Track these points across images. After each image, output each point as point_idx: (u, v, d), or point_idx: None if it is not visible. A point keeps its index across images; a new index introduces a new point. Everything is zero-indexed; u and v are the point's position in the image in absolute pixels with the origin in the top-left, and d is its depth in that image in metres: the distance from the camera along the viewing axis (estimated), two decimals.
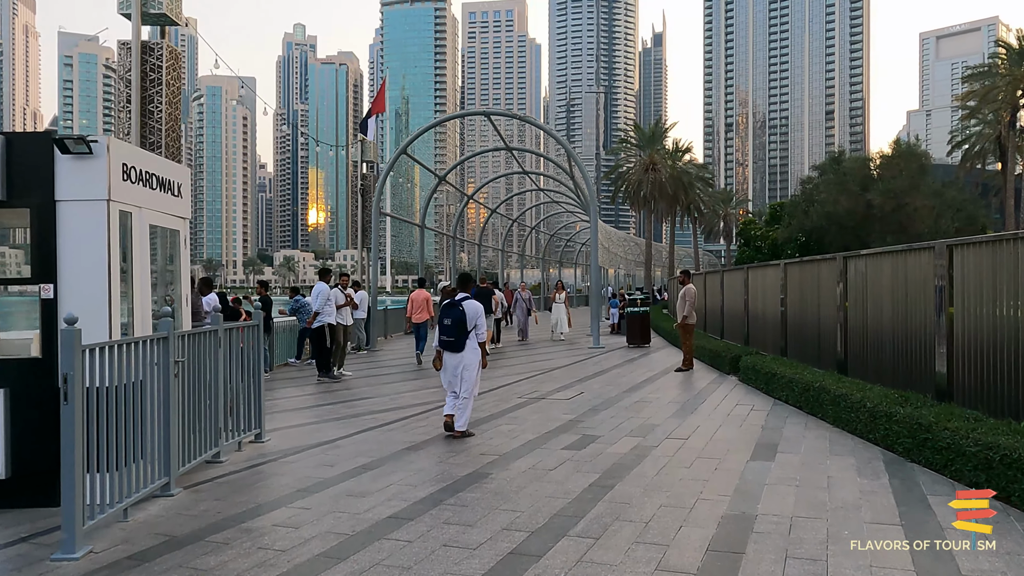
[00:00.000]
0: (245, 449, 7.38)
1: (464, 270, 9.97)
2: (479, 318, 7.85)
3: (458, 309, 7.73)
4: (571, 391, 11.14)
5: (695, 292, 13.64)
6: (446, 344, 7.80)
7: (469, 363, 7.80)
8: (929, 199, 40.00)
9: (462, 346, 7.74)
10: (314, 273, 18.81)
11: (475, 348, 7.86)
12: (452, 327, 7.72)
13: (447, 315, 7.77)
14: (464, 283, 8.36)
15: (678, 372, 13.39)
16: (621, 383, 12.04)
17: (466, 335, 7.75)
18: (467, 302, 7.82)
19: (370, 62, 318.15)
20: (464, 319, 7.70)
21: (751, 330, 14.99)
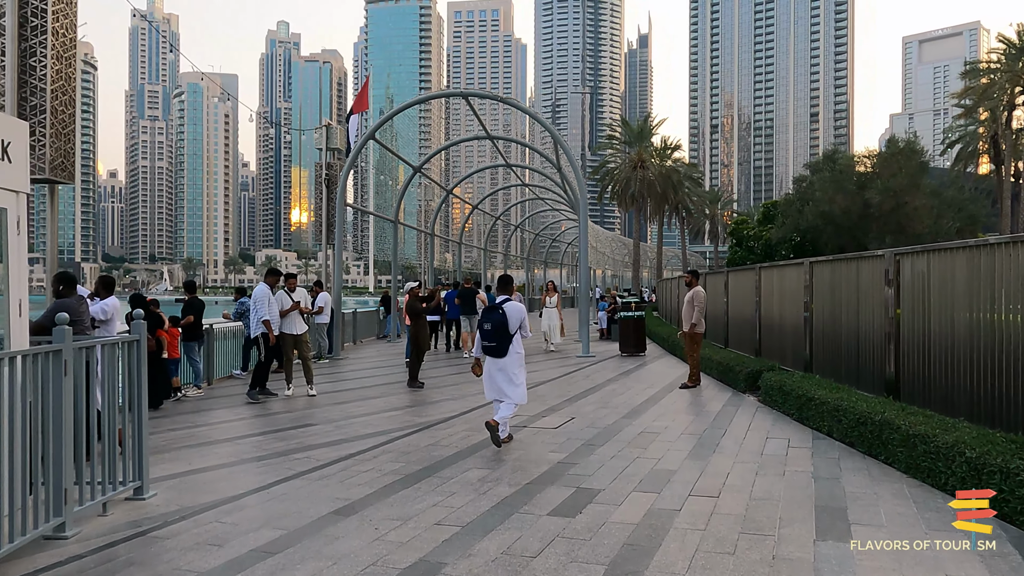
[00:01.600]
0: (113, 512, 5.35)
1: (504, 275, 8.56)
2: (523, 321, 7.43)
3: (498, 312, 7.37)
4: (559, 416, 9.18)
5: (705, 295, 11.71)
6: (488, 350, 7.42)
7: (514, 370, 7.43)
8: (928, 198, 38.50)
9: (505, 351, 7.36)
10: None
11: (519, 353, 7.49)
12: (493, 332, 7.34)
13: (487, 319, 7.41)
14: (504, 285, 8.04)
15: (684, 389, 11.47)
16: (618, 404, 10.09)
17: (509, 339, 7.36)
18: (508, 304, 7.43)
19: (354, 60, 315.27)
20: (506, 323, 7.32)
21: (764, 339, 13.10)
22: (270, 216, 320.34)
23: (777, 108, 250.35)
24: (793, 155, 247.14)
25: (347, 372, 14.94)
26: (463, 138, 23.32)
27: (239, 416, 9.72)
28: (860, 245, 38.14)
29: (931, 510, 5.09)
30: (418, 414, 9.58)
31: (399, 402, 10.66)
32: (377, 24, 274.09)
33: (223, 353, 13.59)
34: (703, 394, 10.97)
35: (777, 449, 7.13)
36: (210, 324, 12.91)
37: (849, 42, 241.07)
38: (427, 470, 6.48)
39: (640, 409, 9.66)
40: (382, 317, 24.47)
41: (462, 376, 13.77)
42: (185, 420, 9.43)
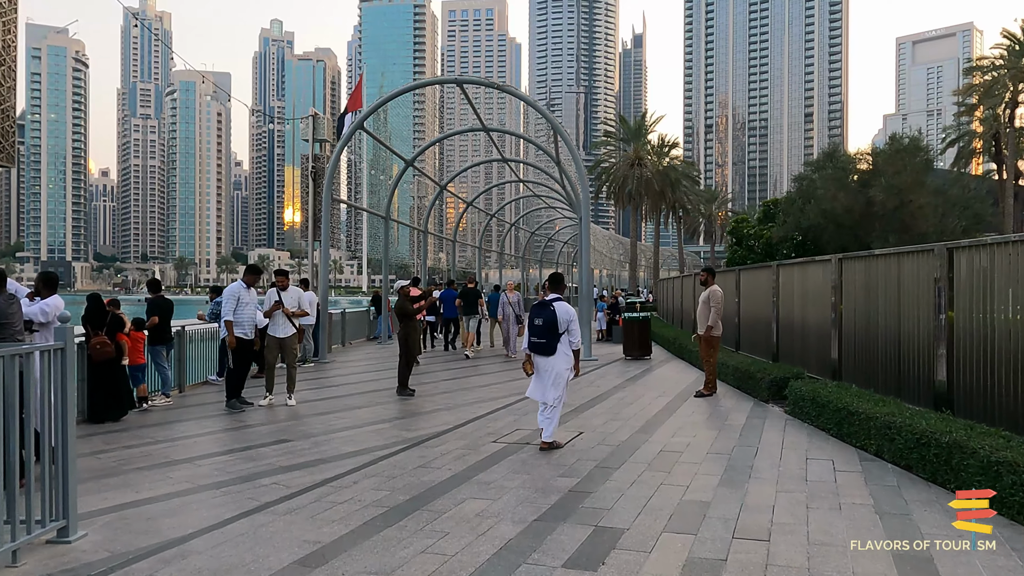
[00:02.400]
0: (26, 561, 4.34)
1: (555, 273, 8.60)
2: (572, 321, 7.36)
3: (549, 310, 7.31)
4: (565, 430, 8.18)
5: (723, 295, 10.73)
6: (536, 347, 7.36)
7: (560, 369, 7.31)
8: (932, 197, 37.66)
9: (553, 349, 7.28)
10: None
11: (567, 353, 7.36)
12: (543, 328, 7.29)
13: (538, 315, 7.37)
14: (556, 283, 7.92)
15: (699, 397, 10.50)
16: (630, 416, 9.11)
17: (557, 338, 7.28)
18: (558, 303, 7.36)
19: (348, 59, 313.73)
20: (555, 321, 7.26)
21: (783, 342, 12.13)
22: (263, 215, 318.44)
23: (771, 108, 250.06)
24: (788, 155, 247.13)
25: (333, 377, 13.91)
26: (457, 130, 22.35)
27: (206, 430, 8.69)
28: (863, 244, 37.21)
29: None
30: (407, 427, 8.58)
31: (387, 413, 9.65)
32: (371, 23, 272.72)
33: (197, 357, 12.54)
34: (722, 404, 9.99)
35: (822, 473, 6.15)
36: (181, 326, 11.86)
37: (843, 43, 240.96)
38: (415, 501, 5.48)
39: (655, 422, 8.67)
40: (372, 318, 23.44)
41: (456, 381, 12.77)
42: (145, 435, 8.40)
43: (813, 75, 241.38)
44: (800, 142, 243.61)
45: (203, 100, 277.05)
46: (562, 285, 7.99)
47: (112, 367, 9.23)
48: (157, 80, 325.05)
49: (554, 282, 8.01)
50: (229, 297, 9.98)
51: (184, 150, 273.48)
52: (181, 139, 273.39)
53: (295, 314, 10.35)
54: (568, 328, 7.31)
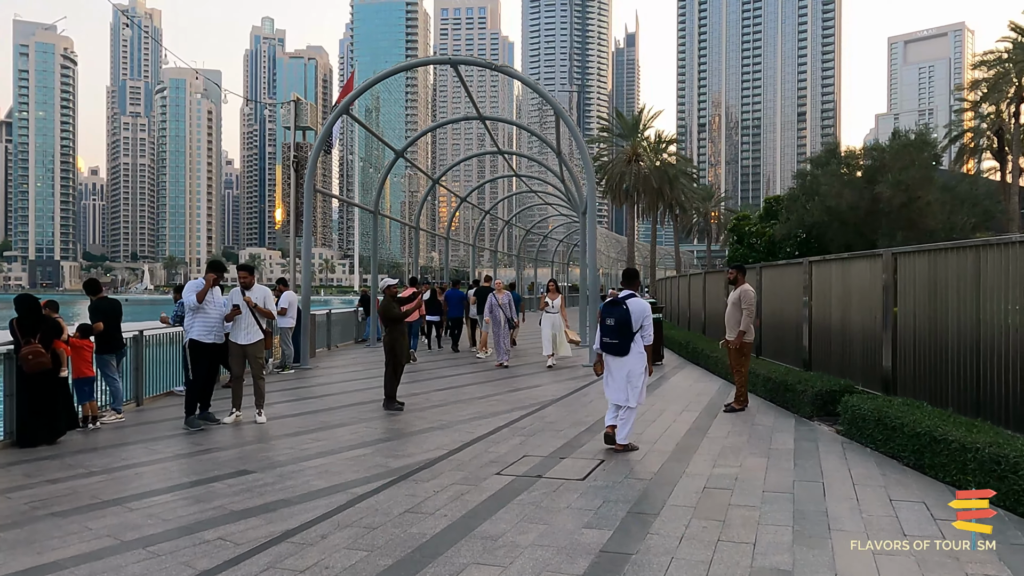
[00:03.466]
0: None
1: (630, 267, 8.41)
2: (645, 318, 7.09)
3: (622, 308, 7.01)
4: (582, 457, 6.86)
5: (755, 296, 9.41)
6: (609, 347, 7.08)
7: (635, 369, 7.04)
8: (940, 193, 36.55)
9: (626, 349, 7.01)
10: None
11: (641, 352, 7.09)
12: (615, 328, 7.01)
13: (609, 314, 7.07)
14: (630, 279, 7.46)
15: (729, 412, 9.20)
16: (656, 437, 7.78)
17: (631, 337, 7.01)
18: (632, 300, 7.08)
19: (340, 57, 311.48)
20: (629, 319, 6.97)
21: (816, 348, 10.84)
22: (254, 214, 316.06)
23: (765, 107, 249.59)
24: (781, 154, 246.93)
25: (313, 387, 12.53)
26: (451, 119, 20.98)
27: (155, 456, 7.31)
28: (868, 242, 36.10)
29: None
30: (394, 452, 7.23)
31: (370, 433, 8.29)
32: (363, 21, 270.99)
33: (159, 365, 11.15)
34: (758, 421, 8.68)
35: (921, 523, 4.83)
36: (139, 330, 10.47)
37: (836, 42, 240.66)
38: (401, 569, 4.14)
39: (688, 445, 7.34)
40: (360, 319, 22.07)
41: (450, 392, 11.42)
42: (80, 463, 7.03)
43: (806, 74, 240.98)
44: (793, 141, 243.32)
45: (193, 98, 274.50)
46: (637, 281, 7.45)
47: (48, 380, 7.85)
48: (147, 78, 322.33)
49: (628, 278, 7.43)
50: (190, 290, 8.65)
51: (174, 148, 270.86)
52: (171, 137, 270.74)
53: (260, 310, 8.95)
54: (642, 325, 6.98)
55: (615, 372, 7.07)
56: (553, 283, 15.32)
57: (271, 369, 14.29)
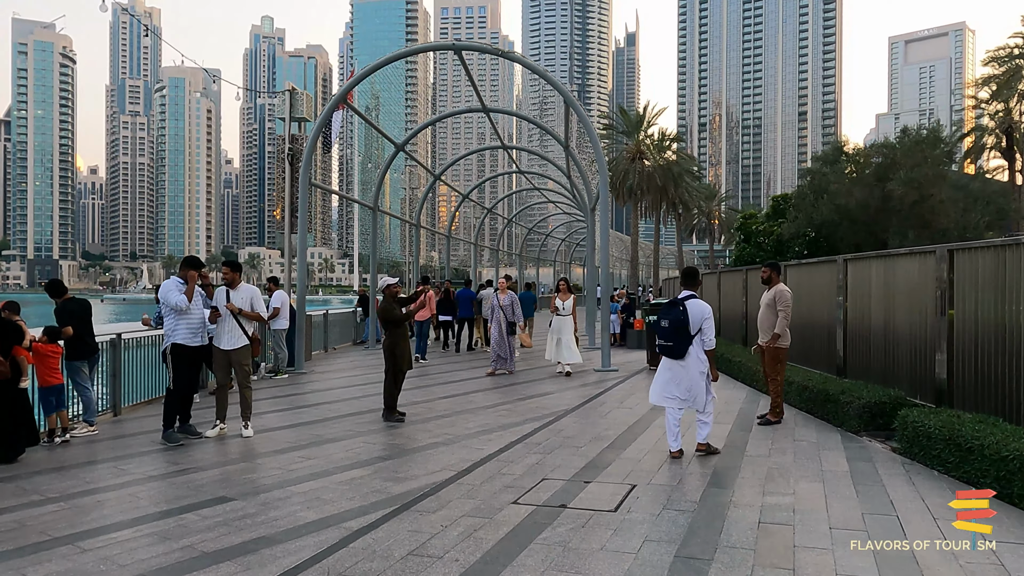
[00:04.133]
0: None
1: (689, 267, 7.49)
2: (706, 320, 6.71)
3: (679, 310, 6.69)
4: (610, 481, 6.01)
5: (791, 297, 8.56)
6: (665, 349, 6.80)
7: (695, 375, 6.69)
8: (953, 191, 35.70)
9: (683, 352, 6.68)
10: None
11: (701, 357, 6.73)
12: (671, 330, 6.70)
13: (665, 316, 6.78)
14: (690, 279, 7.16)
15: (764, 425, 8.35)
16: (689, 457, 6.93)
17: (688, 340, 6.68)
18: (691, 302, 6.72)
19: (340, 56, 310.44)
20: (686, 322, 6.64)
21: (852, 353, 9.99)
22: (254, 214, 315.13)
23: (765, 107, 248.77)
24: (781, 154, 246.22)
25: (307, 394, 11.68)
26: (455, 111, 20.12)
27: (125, 479, 6.45)
28: (879, 241, 35.30)
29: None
30: (395, 474, 6.38)
31: (368, 449, 7.44)
32: (363, 19, 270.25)
33: (140, 370, 10.29)
34: (799, 435, 7.82)
35: None
36: (117, 334, 9.62)
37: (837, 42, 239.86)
38: None
39: (728, 467, 6.49)
40: (359, 320, 21.24)
41: (455, 400, 10.57)
42: (37, 487, 6.18)
43: (807, 74, 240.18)
44: (794, 141, 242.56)
45: (193, 97, 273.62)
46: (697, 280, 7.10)
47: (6, 391, 7.00)
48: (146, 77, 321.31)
49: (688, 277, 7.09)
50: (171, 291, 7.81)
51: (173, 147, 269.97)
52: (171, 136, 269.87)
53: (245, 314, 8.10)
54: (701, 328, 6.65)
55: (667, 375, 6.81)
56: (564, 282, 13.88)
57: (263, 374, 13.46)
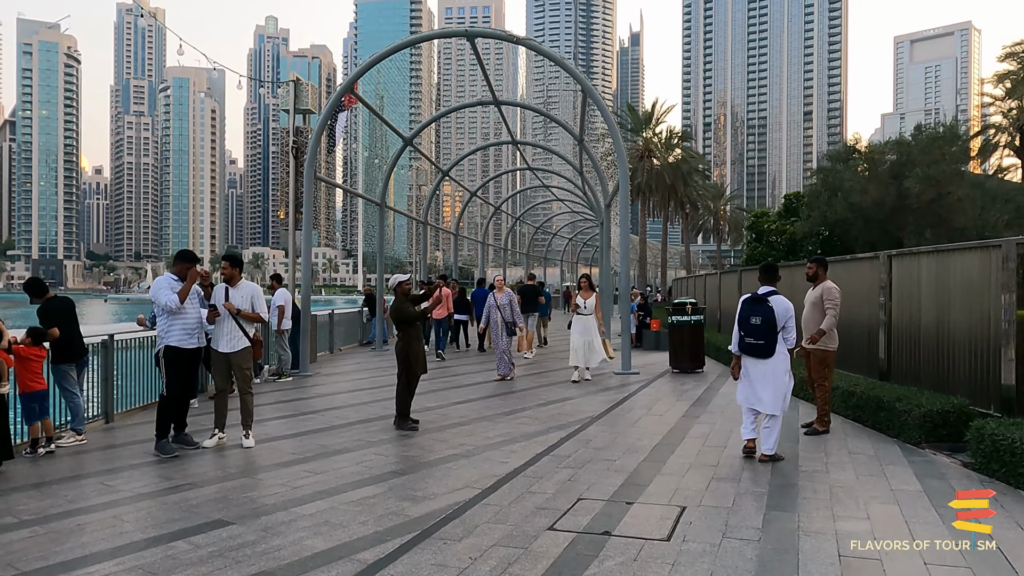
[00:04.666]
0: None
1: (769, 263, 7.16)
2: (789, 319, 6.56)
3: (766, 305, 6.48)
4: (655, 504, 5.32)
5: (839, 295, 7.87)
6: (752, 348, 6.53)
7: (780, 372, 6.51)
8: (971, 189, 34.94)
9: (772, 351, 6.47)
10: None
11: (785, 354, 6.56)
12: (761, 328, 6.46)
13: (753, 312, 6.54)
14: (770, 274, 6.83)
15: (811, 435, 7.66)
16: (739, 472, 6.24)
17: (776, 337, 6.47)
18: (775, 297, 6.55)
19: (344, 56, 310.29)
20: (774, 317, 6.42)
21: (897, 356, 9.30)
22: (258, 213, 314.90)
23: (770, 107, 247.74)
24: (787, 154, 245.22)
25: (313, 398, 11.02)
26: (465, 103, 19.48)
27: (109, 496, 5.78)
28: (894, 240, 34.59)
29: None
30: (411, 492, 5.70)
31: (380, 462, 6.76)
32: (367, 19, 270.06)
33: (135, 373, 9.64)
34: (851, 446, 7.13)
35: None
36: (109, 335, 8.97)
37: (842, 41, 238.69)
38: None
39: (785, 485, 5.79)
40: (366, 319, 20.59)
41: (471, 406, 9.89)
42: (12, 506, 5.51)
43: (812, 74, 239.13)
44: (799, 141, 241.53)
45: (197, 97, 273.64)
46: (777, 276, 6.86)
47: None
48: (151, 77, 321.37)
49: (768, 273, 6.87)
50: (162, 288, 7.17)
51: (178, 147, 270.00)
52: (175, 136, 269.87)
53: (245, 315, 7.44)
54: (785, 325, 6.51)
55: (755, 376, 6.55)
56: (586, 279, 12.62)
57: (266, 377, 12.81)
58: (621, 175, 12.90)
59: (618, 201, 13.85)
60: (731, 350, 6.87)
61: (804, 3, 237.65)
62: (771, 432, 6.49)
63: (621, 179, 12.91)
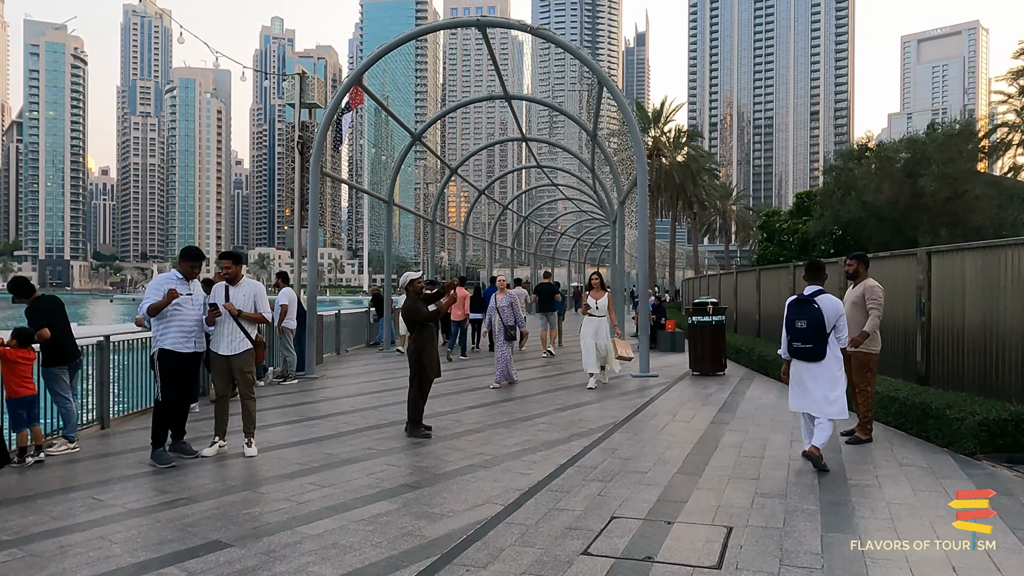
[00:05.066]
0: None
1: (814, 260, 6.62)
2: (840, 318, 6.20)
3: (814, 307, 6.15)
4: (697, 523, 4.82)
5: (882, 294, 7.35)
6: (800, 352, 6.23)
7: (835, 375, 6.18)
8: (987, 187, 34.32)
9: (822, 353, 6.14)
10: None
11: (837, 355, 6.23)
12: (808, 331, 6.14)
13: (800, 314, 6.22)
14: (816, 272, 6.46)
15: (853, 444, 7.15)
16: (784, 486, 5.73)
17: (826, 340, 6.14)
18: (822, 297, 6.20)
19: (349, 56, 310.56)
20: (822, 319, 6.10)
21: (937, 360, 8.78)
22: (264, 214, 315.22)
23: (777, 107, 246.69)
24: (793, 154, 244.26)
25: (319, 402, 10.54)
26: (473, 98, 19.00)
27: (98, 512, 5.30)
28: (908, 239, 34.00)
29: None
30: (427, 508, 5.21)
31: (392, 473, 6.28)
32: (372, 20, 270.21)
33: (133, 376, 9.16)
34: (899, 456, 6.61)
35: None
36: (105, 335, 8.51)
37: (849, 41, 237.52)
38: None
39: (837, 501, 5.28)
40: (373, 320, 20.12)
41: (486, 410, 9.39)
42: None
43: (819, 73, 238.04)
44: (806, 141, 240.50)
45: (203, 98, 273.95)
46: (824, 274, 6.48)
47: None
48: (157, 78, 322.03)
49: (814, 271, 6.45)
50: (155, 289, 6.72)
51: (184, 148, 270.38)
52: (181, 137, 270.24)
53: (247, 316, 6.97)
54: (836, 324, 6.14)
55: (807, 380, 6.25)
56: (598, 278, 11.62)
57: (271, 379, 12.34)
58: (639, 169, 12.39)
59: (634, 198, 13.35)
60: (780, 354, 6.57)
61: (811, 2, 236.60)
62: (824, 428, 6.20)
63: (639, 174, 12.41)
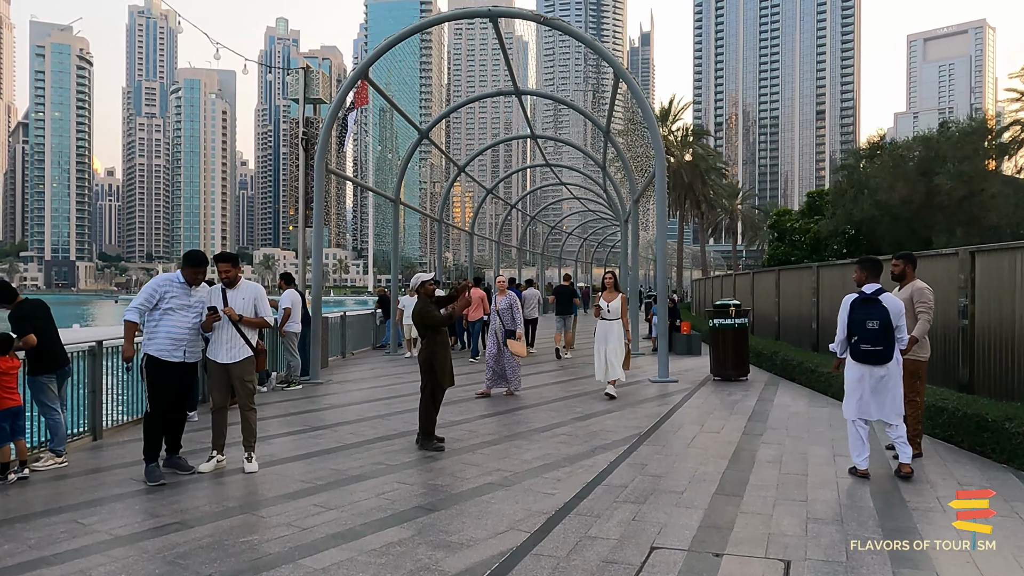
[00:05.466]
0: None
1: (869, 257, 6.29)
2: (901, 316, 5.92)
3: (880, 306, 5.83)
4: (750, 556, 4.29)
5: (932, 296, 6.81)
6: (871, 355, 5.82)
7: (898, 377, 5.93)
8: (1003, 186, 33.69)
9: (891, 354, 5.85)
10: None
11: (899, 357, 5.97)
12: (879, 332, 5.79)
13: (868, 315, 5.84)
14: (873, 269, 6.10)
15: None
16: (838, 509, 5.19)
17: (894, 340, 5.86)
18: (885, 295, 5.92)
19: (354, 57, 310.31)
20: (889, 318, 5.80)
21: (983, 367, 8.22)
22: (269, 215, 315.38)
23: (783, 106, 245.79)
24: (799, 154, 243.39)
25: (324, 410, 10.03)
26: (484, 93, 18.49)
27: (80, 540, 4.80)
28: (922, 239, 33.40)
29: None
30: (444, 536, 4.69)
31: (404, 493, 5.76)
32: (377, 21, 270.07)
33: (127, 383, 8.66)
34: (955, 474, 6.07)
35: None
36: (97, 341, 8.01)
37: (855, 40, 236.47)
38: None
39: (900, 529, 4.74)
40: (379, 322, 19.62)
41: (501, 420, 8.86)
42: None
43: (825, 72, 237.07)
44: (812, 140, 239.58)
45: (208, 99, 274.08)
46: (879, 271, 6.14)
47: None
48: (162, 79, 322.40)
49: (871, 268, 6.09)
50: (149, 293, 6.22)
51: (189, 149, 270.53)
52: (186, 138, 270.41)
53: (247, 321, 6.47)
54: (898, 324, 5.86)
55: (872, 384, 5.89)
56: (612, 278, 10.66)
57: (274, 385, 11.84)
58: (658, 166, 11.86)
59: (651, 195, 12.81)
60: (833, 349, 6.20)
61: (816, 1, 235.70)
62: (904, 442, 5.95)
63: (658, 170, 11.87)
